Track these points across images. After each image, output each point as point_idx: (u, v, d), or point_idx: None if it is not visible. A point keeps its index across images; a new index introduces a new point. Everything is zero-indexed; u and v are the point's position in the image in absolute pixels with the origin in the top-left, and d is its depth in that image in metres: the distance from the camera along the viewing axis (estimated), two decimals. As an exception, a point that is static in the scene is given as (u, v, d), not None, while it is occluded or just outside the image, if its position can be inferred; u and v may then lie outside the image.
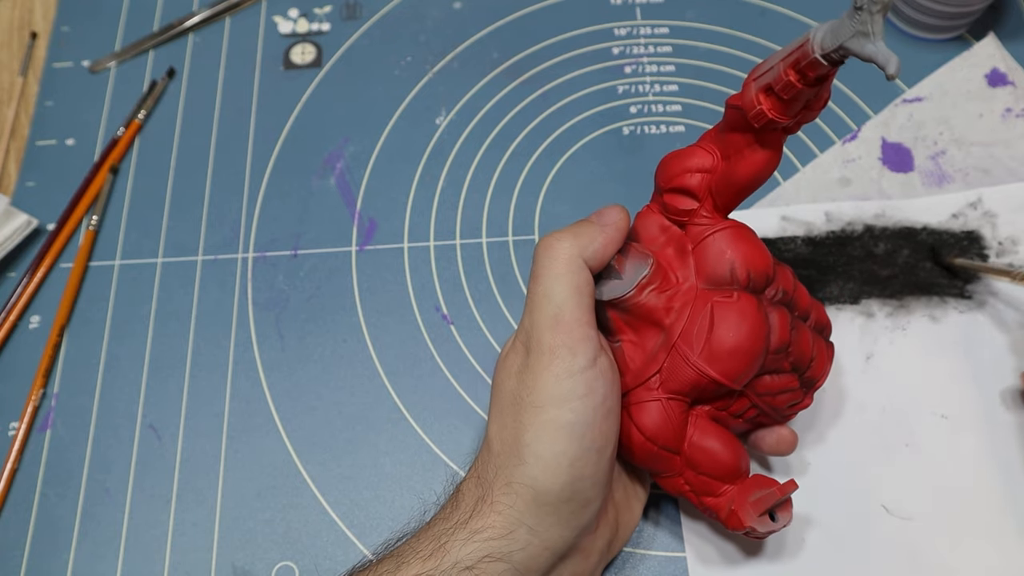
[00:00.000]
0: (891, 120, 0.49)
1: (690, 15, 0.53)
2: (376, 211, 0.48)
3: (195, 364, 0.45)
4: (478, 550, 0.30)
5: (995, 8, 0.52)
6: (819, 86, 0.28)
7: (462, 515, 0.32)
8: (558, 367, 0.31)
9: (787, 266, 0.36)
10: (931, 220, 0.45)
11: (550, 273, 0.32)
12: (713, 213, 0.33)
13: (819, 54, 0.27)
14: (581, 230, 0.32)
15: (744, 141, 0.31)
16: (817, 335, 0.36)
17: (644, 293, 0.33)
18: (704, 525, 0.39)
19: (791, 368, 0.35)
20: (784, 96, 0.29)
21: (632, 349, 0.34)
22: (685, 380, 0.33)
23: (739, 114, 0.31)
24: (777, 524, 0.34)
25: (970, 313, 0.43)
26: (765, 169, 0.32)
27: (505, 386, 0.33)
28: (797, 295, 0.36)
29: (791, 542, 0.38)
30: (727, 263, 0.33)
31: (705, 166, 0.33)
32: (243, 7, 0.55)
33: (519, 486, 0.31)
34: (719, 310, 0.32)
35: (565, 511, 0.31)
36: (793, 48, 0.28)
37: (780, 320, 0.34)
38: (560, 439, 0.30)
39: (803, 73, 0.28)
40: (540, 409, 0.31)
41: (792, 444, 0.37)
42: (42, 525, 0.41)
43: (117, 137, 0.51)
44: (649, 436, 0.33)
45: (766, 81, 0.29)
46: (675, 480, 0.35)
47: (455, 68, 0.53)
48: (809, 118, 0.30)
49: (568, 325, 0.31)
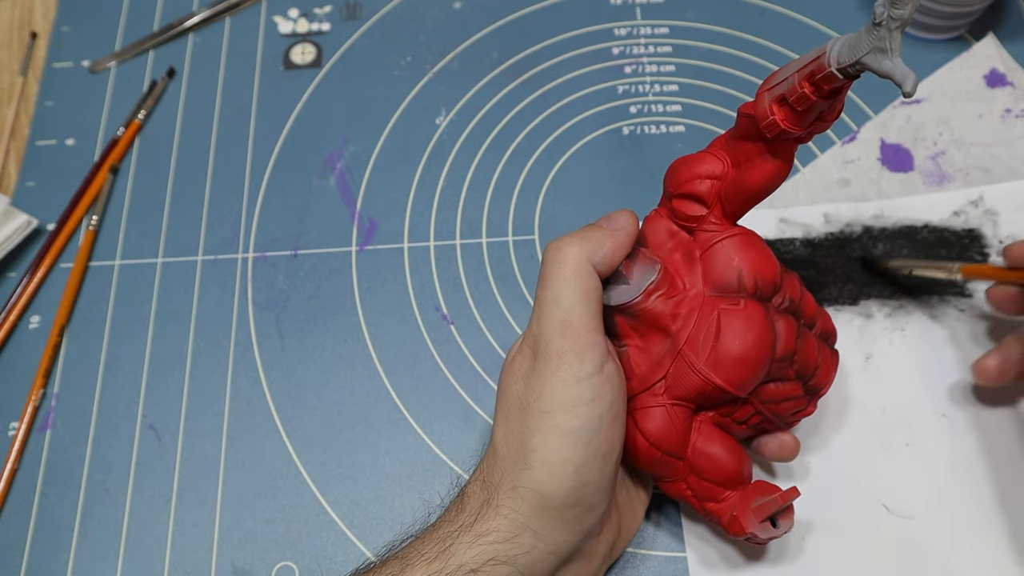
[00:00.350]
0: (890, 121, 0.49)
1: (690, 15, 0.53)
2: (376, 211, 0.48)
3: (195, 364, 0.45)
4: (483, 553, 0.30)
5: (995, 8, 0.52)
6: (833, 98, 0.28)
7: (467, 518, 0.32)
8: (566, 372, 0.31)
9: (794, 273, 0.36)
10: (932, 218, 0.46)
11: (559, 278, 0.32)
12: (722, 220, 0.33)
13: (835, 68, 0.27)
14: (590, 235, 0.32)
15: (756, 150, 0.31)
16: (822, 343, 0.36)
17: (651, 299, 0.33)
18: (705, 527, 0.39)
19: (795, 376, 0.35)
20: (798, 108, 0.28)
21: (638, 354, 0.34)
22: (690, 387, 0.33)
23: (751, 123, 0.31)
24: (778, 531, 0.34)
25: (970, 312, 0.43)
26: (775, 178, 0.32)
27: (512, 390, 0.32)
28: (804, 303, 0.36)
29: (792, 542, 0.38)
30: (735, 270, 0.33)
31: (715, 173, 0.33)
32: (243, 7, 0.55)
33: (525, 491, 0.31)
34: (726, 318, 0.32)
35: (570, 516, 0.31)
36: (808, 60, 0.28)
37: (786, 328, 0.34)
38: (566, 445, 0.30)
39: (818, 86, 0.28)
40: (547, 414, 0.31)
41: (794, 450, 0.37)
42: (42, 525, 0.41)
43: (117, 137, 0.51)
44: (653, 441, 0.33)
45: (780, 92, 0.29)
46: (678, 485, 0.35)
47: (455, 68, 0.53)
48: (821, 129, 0.30)
49: (576, 331, 0.31)
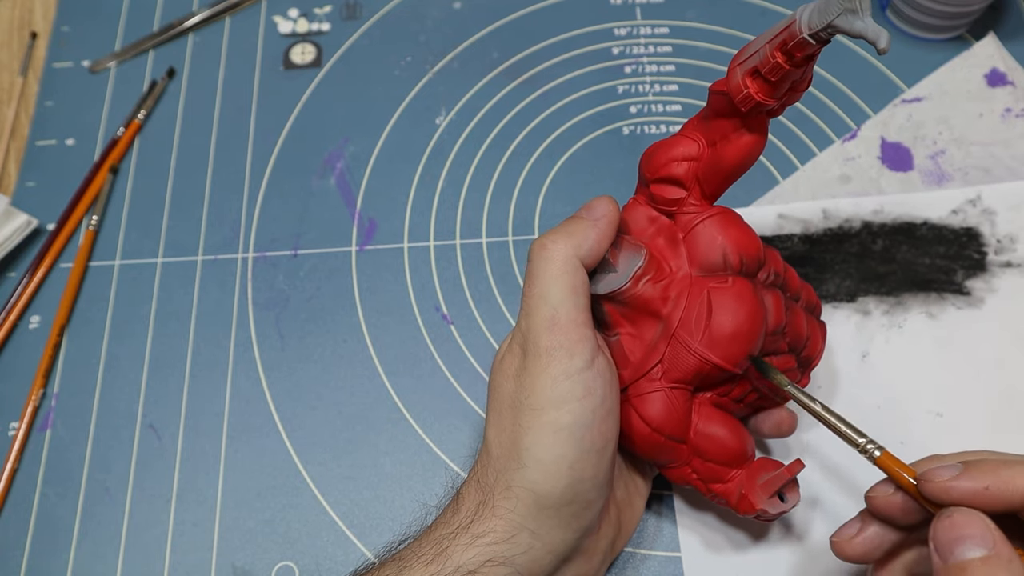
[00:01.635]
0: (890, 120, 0.49)
1: (690, 15, 0.53)
2: (376, 211, 0.48)
3: (195, 364, 0.45)
4: (480, 554, 0.30)
5: (995, 8, 0.52)
6: (805, 66, 0.29)
7: (463, 519, 0.32)
8: (555, 369, 0.31)
9: (775, 248, 0.37)
10: (931, 215, 0.46)
11: (546, 275, 0.32)
12: (701, 201, 0.34)
13: (807, 34, 0.27)
14: (574, 228, 0.32)
15: (731, 126, 0.32)
16: (809, 315, 0.37)
17: (640, 284, 0.33)
18: (699, 522, 0.39)
19: (788, 348, 0.35)
20: (772, 78, 0.29)
21: (631, 342, 0.34)
22: (688, 368, 0.33)
23: (724, 100, 0.31)
24: (787, 505, 0.34)
25: (968, 309, 0.43)
26: (752, 153, 0.32)
27: (502, 389, 0.32)
28: (788, 276, 0.36)
29: (793, 541, 0.39)
30: (719, 249, 0.33)
31: (691, 154, 0.33)
32: (243, 7, 0.55)
33: (519, 490, 0.31)
34: (716, 296, 0.32)
35: (567, 514, 0.31)
36: (779, 30, 0.28)
37: (775, 301, 0.34)
38: (559, 442, 0.30)
39: (790, 54, 0.28)
40: (538, 412, 0.31)
41: (792, 426, 0.37)
42: (42, 525, 0.41)
43: (117, 137, 0.51)
44: (655, 427, 0.33)
45: (752, 64, 0.29)
46: (682, 470, 0.35)
47: (455, 68, 0.53)
48: (793, 100, 0.31)
49: (565, 327, 0.31)
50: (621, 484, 0.36)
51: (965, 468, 0.28)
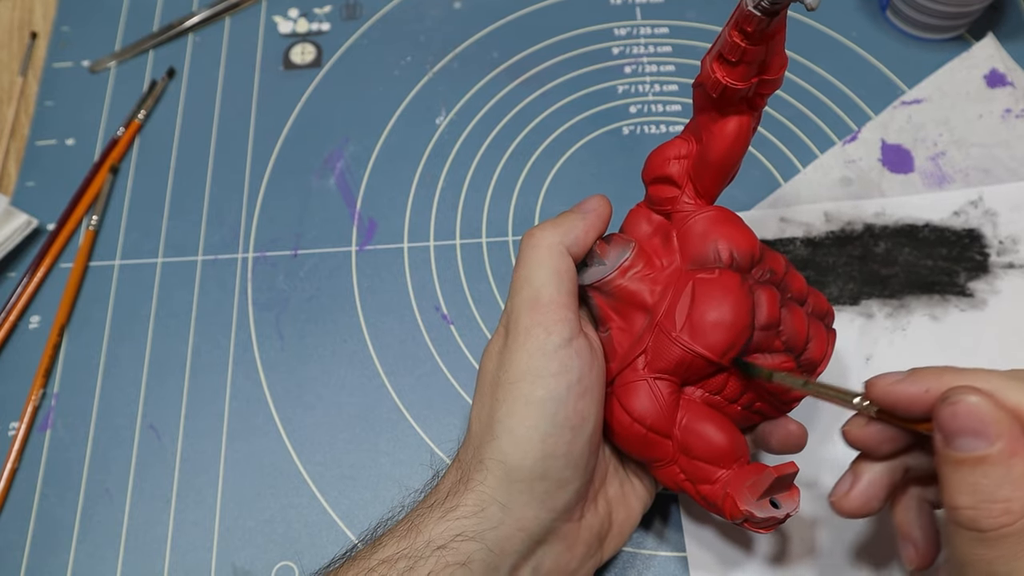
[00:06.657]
0: (890, 122, 0.49)
1: (690, 15, 0.53)
2: (376, 211, 0.48)
3: (195, 364, 0.45)
4: (451, 529, 0.31)
5: (995, 8, 0.52)
6: (764, 44, 0.29)
7: (439, 496, 0.32)
8: (532, 345, 0.31)
9: (781, 255, 0.36)
10: (933, 217, 0.46)
11: (531, 260, 0.33)
12: (696, 199, 0.34)
13: (751, 7, 0.28)
14: (562, 220, 0.34)
15: (711, 118, 0.33)
16: (816, 320, 0.36)
17: (627, 276, 0.34)
18: (706, 526, 0.39)
19: (784, 349, 0.34)
20: (732, 58, 0.30)
21: (620, 335, 0.34)
22: (671, 358, 0.32)
23: (702, 93, 0.32)
24: (779, 511, 0.32)
25: (971, 311, 0.43)
26: (736, 142, 0.33)
27: (486, 368, 0.33)
28: (789, 278, 0.36)
29: (795, 543, 0.38)
30: (710, 243, 0.33)
31: (682, 152, 0.34)
32: (243, 7, 0.55)
33: (491, 462, 0.31)
34: (700, 286, 0.33)
35: (539, 490, 0.31)
36: (733, 12, 0.29)
37: (768, 297, 0.33)
38: (531, 414, 0.31)
39: (743, 31, 0.29)
40: (513, 385, 0.31)
41: (801, 439, 0.35)
42: (42, 525, 0.41)
43: (117, 137, 0.51)
44: (636, 417, 0.33)
45: (716, 49, 0.30)
46: (670, 469, 0.34)
47: (455, 68, 0.53)
48: (769, 88, 0.31)
49: (545, 306, 0.32)
50: (616, 481, 0.36)
51: (908, 373, 0.29)
